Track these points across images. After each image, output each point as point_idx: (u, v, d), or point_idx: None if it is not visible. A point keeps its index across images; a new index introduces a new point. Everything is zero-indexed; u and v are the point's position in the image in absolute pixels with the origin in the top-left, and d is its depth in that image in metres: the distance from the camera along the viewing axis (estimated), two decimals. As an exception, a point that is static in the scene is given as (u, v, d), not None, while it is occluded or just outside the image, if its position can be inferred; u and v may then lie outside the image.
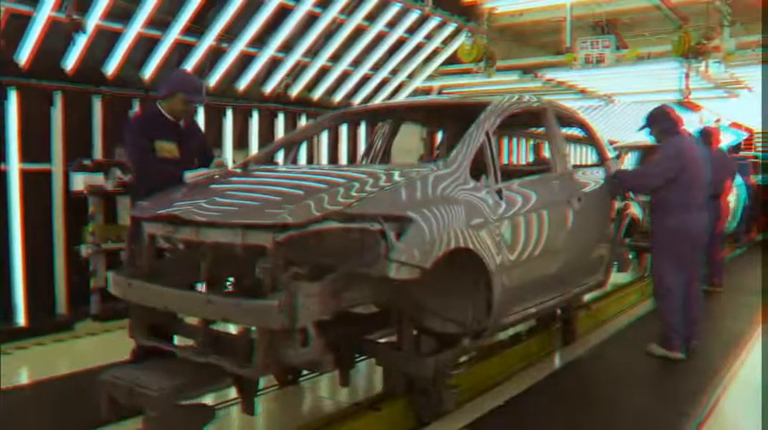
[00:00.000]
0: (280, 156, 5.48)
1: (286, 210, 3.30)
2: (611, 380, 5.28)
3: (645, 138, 6.91)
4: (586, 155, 16.52)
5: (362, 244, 3.39)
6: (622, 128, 16.88)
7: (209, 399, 3.75)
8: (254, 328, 3.34)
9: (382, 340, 4.36)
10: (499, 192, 4.14)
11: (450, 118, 5.71)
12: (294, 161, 5.17)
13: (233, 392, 3.77)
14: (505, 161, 14.89)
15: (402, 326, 4.01)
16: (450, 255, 3.60)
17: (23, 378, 5.61)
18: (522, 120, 5.22)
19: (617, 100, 14.13)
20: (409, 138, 10.39)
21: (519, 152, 15.97)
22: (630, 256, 7.07)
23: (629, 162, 10.88)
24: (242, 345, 3.36)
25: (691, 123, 12.75)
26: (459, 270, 3.88)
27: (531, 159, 13.97)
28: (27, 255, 6.76)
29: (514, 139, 15.60)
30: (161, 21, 7.49)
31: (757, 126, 20.40)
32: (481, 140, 4.18)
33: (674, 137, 5.54)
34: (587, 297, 6.49)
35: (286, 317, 3.09)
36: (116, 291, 3.74)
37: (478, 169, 4.12)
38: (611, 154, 6.07)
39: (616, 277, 7.75)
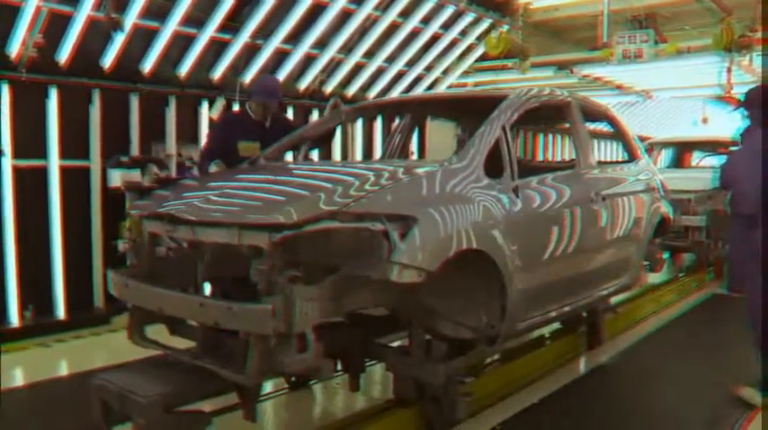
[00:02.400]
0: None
1: (283, 209, 2.99)
2: (633, 387, 4.85)
3: (679, 134, 6.39)
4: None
5: (364, 245, 3.07)
6: (660, 124, 16.17)
7: (210, 404, 3.45)
8: None
9: (394, 344, 4.02)
10: (515, 190, 3.75)
11: (467, 111, 5.31)
12: (306, 157, 4.87)
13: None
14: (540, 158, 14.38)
15: (412, 331, 3.67)
16: (462, 257, 3.26)
17: (62, 370, 5.55)
18: (545, 115, 4.81)
19: (655, 95, 13.44)
20: (442, 135, 10.01)
21: (554, 149, 15.39)
22: (664, 256, 6.54)
23: (662, 160, 10.29)
24: (238, 350, 3.06)
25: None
26: (471, 272, 3.52)
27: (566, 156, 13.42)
28: (66, 250, 6.67)
29: (549, 136, 15.02)
30: (196, 18, 7.28)
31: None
32: (496, 135, 3.79)
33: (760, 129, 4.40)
34: (615, 299, 5.98)
35: (281, 322, 2.79)
36: (114, 291, 3.49)
37: (495, 166, 3.74)
38: (641, 151, 5.59)
39: (651, 277, 7.27)
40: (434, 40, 10.07)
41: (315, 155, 8.40)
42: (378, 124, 10.35)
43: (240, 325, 2.91)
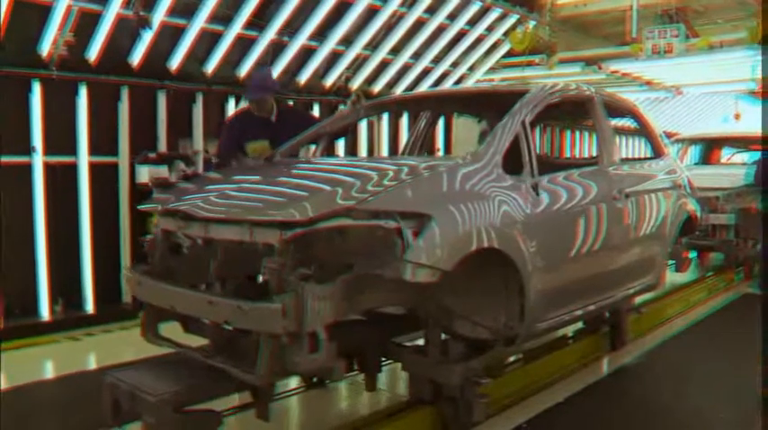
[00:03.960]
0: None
1: (295, 206, 2.89)
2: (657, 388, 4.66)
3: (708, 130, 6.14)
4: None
5: (378, 243, 2.96)
6: (690, 120, 15.71)
7: (223, 403, 3.36)
8: None
9: (414, 343, 3.89)
10: (535, 187, 3.60)
11: (488, 107, 5.13)
12: (326, 152, 4.76)
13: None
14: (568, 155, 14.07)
15: (428, 330, 3.55)
16: (480, 256, 3.13)
17: (91, 363, 5.56)
18: (567, 111, 4.62)
19: (685, 91, 13.06)
20: (469, 131, 9.84)
21: (582, 145, 15.05)
22: (690, 256, 6.29)
23: (691, 156, 9.97)
24: (251, 349, 2.97)
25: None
26: (489, 271, 3.39)
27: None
28: (95, 245, 6.67)
29: (577, 132, 14.67)
30: (223, 16, 7.25)
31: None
32: (516, 131, 3.64)
33: None
34: (640, 299, 5.75)
35: (291, 321, 2.70)
36: (129, 288, 3.43)
37: (515, 162, 3.60)
38: (667, 147, 5.37)
39: (679, 277, 7.05)
40: (461, 36, 9.90)
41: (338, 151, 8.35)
42: (404, 120, 10.21)
43: (250, 324, 2.82)
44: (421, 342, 3.75)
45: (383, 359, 3.79)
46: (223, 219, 3.04)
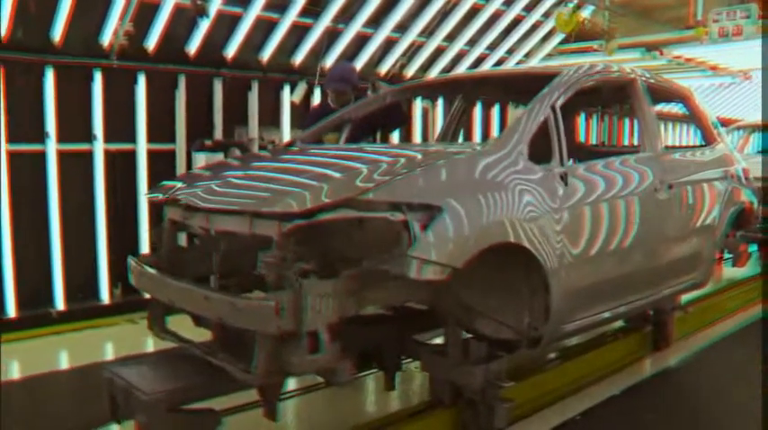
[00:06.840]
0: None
1: (295, 196, 2.55)
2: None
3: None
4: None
5: (384, 236, 2.59)
6: (759, 106, 14.43)
7: (229, 401, 3.06)
8: None
9: (432, 342, 3.50)
10: (563, 177, 3.13)
11: (521, 90, 4.60)
12: (347, 140, 4.40)
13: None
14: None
15: (448, 329, 3.15)
16: (502, 250, 2.73)
17: (149, 346, 5.29)
18: (605, 95, 4.09)
19: (754, 76, 11.90)
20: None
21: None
22: (749, 250, 5.58)
23: (753, 144, 9.04)
24: (251, 347, 2.66)
25: None
26: (512, 267, 2.97)
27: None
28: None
29: (635, 120, 13.63)
30: (278, 3, 6.97)
31: None
32: (544, 116, 3.17)
33: None
34: (689, 296, 5.09)
35: (287, 319, 2.37)
36: (133, 280, 3.18)
37: (544, 150, 3.14)
38: (720, 135, 4.73)
39: (734, 272, 6.38)
40: (517, 22, 9.29)
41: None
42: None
43: (244, 322, 2.50)
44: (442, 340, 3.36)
45: (402, 357, 3.43)
46: (223, 210, 2.73)
